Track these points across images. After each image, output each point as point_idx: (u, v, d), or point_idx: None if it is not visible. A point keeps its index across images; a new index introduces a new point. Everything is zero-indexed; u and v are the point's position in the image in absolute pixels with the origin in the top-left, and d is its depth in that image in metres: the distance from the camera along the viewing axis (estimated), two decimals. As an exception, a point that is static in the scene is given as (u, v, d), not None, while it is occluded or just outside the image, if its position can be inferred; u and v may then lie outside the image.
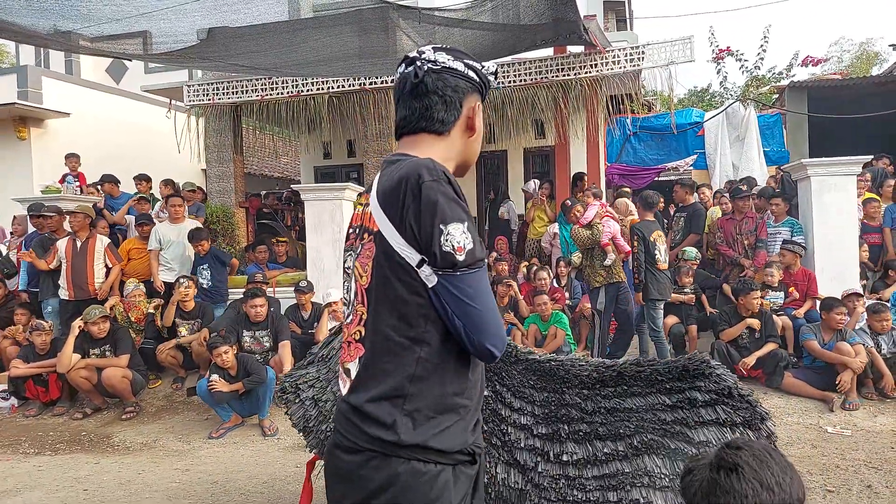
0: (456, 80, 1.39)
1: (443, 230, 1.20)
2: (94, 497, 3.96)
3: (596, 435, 2.38)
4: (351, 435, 1.27)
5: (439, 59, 1.37)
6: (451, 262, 1.21)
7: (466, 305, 1.22)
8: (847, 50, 21.46)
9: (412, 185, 1.22)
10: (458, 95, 1.39)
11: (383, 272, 1.26)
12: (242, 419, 5.29)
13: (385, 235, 1.25)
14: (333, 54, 5.71)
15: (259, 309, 5.63)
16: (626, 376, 2.45)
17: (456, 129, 1.41)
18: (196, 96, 8.86)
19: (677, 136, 10.16)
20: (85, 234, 6.55)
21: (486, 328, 1.23)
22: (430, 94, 1.37)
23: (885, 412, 4.81)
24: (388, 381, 1.25)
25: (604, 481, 2.34)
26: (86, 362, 5.66)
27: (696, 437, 2.30)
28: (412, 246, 1.22)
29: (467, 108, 1.41)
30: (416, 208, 1.21)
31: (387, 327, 1.26)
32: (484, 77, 1.44)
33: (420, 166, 1.24)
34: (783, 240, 6.21)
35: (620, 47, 7.70)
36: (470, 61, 1.41)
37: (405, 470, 1.23)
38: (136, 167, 8.94)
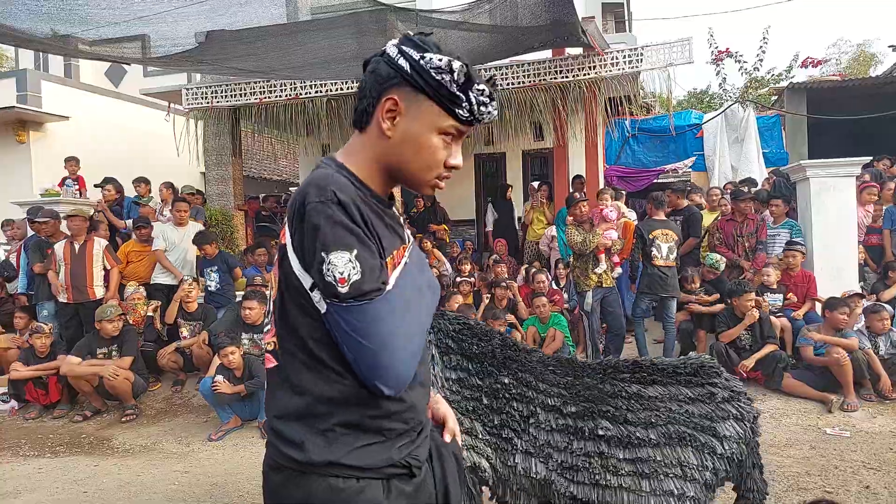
0: (378, 64, 1.19)
1: (324, 258, 1.08)
2: (94, 499, 3.96)
3: (625, 419, 2.39)
4: (272, 452, 1.21)
5: (388, 46, 1.20)
6: (332, 292, 1.09)
7: (354, 340, 1.10)
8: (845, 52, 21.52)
9: (298, 205, 1.11)
10: (376, 84, 1.18)
11: (281, 288, 1.18)
12: (242, 421, 5.29)
13: (288, 251, 1.15)
14: (331, 57, 5.72)
15: (250, 311, 5.63)
16: (642, 366, 2.52)
17: (371, 125, 1.21)
18: (195, 99, 8.88)
19: (676, 138, 10.17)
20: (83, 237, 6.56)
21: (377, 366, 1.11)
22: (363, 81, 1.22)
23: (883, 413, 4.81)
24: (297, 400, 1.17)
25: (636, 466, 2.34)
26: (89, 363, 5.65)
27: (721, 430, 2.35)
28: (303, 267, 1.13)
29: (382, 101, 1.18)
30: (301, 232, 1.11)
31: (292, 345, 1.18)
32: (421, 69, 1.15)
33: (311, 184, 1.12)
34: (787, 241, 6.21)
35: (619, 49, 7.71)
36: (408, 49, 1.16)
37: (321, 487, 1.15)
38: (136, 171, 8.95)
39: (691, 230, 6.78)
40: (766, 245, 6.39)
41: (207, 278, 6.84)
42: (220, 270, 6.86)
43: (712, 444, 2.33)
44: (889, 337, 5.27)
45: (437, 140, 1.20)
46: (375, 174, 1.22)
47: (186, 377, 6.35)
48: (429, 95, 1.17)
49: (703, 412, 2.39)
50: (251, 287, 6.44)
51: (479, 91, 1.20)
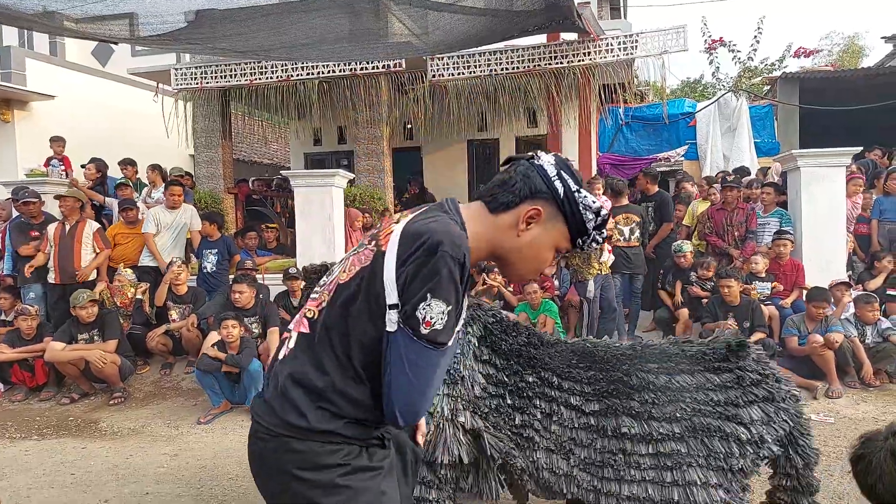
0: (535, 176, 1.35)
1: (427, 299, 1.21)
2: (82, 481, 3.93)
3: (650, 415, 2.37)
4: (268, 419, 1.34)
5: (543, 158, 1.39)
6: (412, 325, 1.22)
7: (402, 369, 1.23)
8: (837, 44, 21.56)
9: (430, 245, 1.22)
10: (524, 188, 1.35)
11: (362, 286, 1.28)
12: (232, 405, 5.27)
13: (385, 261, 1.26)
14: (323, 37, 5.64)
15: (239, 295, 5.60)
16: (669, 354, 2.48)
17: (506, 215, 1.36)
18: (184, 80, 8.75)
19: (669, 127, 10.18)
20: (75, 217, 6.47)
21: (405, 398, 1.25)
22: (505, 172, 1.39)
23: (867, 400, 4.88)
24: (317, 376, 1.31)
25: (659, 460, 2.34)
26: (73, 348, 5.62)
27: (746, 416, 2.34)
28: (398, 289, 1.24)
29: (527, 208, 1.34)
30: (419, 266, 1.22)
31: (338, 333, 1.30)
32: (571, 197, 1.34)
33: (448, 234, 1.24)
34: (777, 230, 6.24)
35: (614, 35, 7.67)
36: (568, 176, 1.35)
37: (313, 448, 1.31)
38: (123, 151, 8.81)
39: (664, 216, 6.84)
40: (756, 234, 6.42)
41: (205, 259, 6.80)
42: (219, 254, 6.82)
43: (737, 432, 2.31)
44: (877, 326, 5.33)
45: (551, 254, 1.42)
46: (483, 249, 1.39)
47: (175, 360, 6.31)
48: (566, 221, 1.36)
49: (729, 399, 2.36)
50: (241, 271, 6.39)
51: (600, 234, 1.40)
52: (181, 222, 6.95)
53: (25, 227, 6.75)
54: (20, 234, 6.73)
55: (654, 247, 6.85)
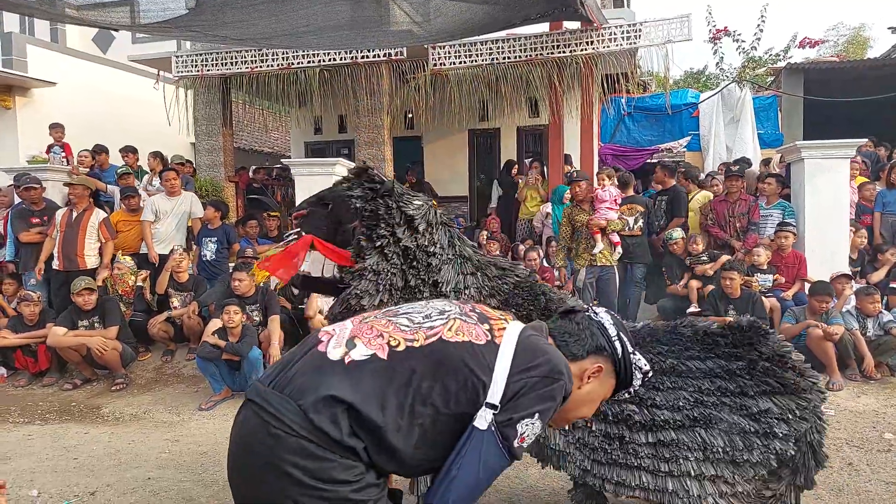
0: (597, 333, 1.47)
1: (531, 417, 1.28)
2: (84, 465, 3.96)
3: (653, 403, 2.34)
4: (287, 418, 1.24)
5: (601, 314, 1.52)
6: (507, 434, 1.27)
7: (475, 468, 1.26)
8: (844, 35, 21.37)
9: (553, 371, 1.32)
10: (591, 342, 1.46)
11: (466, 360, 1.29)
12: (233, 392, 5.30)
13: (499, 357, 1.31)
14: (324, 25, 5.60)
15: (239, 283, 5.61)
16: (681, 335, 2.42)
17: (573, 366, 1.43)
18: (185, 67, 8.71)
19: (672, 117, 10.10)
20: (83, 205, 6.48)
21: (463, 495, 1.27)
22: (572, 323, 1.51)
23: (867, 393, 4.89)
24: (371, 409, 1.24)
25: (657, 450, 2.31)
26: (74, 334, 5.64)
27: (755, 406, 2.29)
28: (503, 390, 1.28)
29: (589, 363, 1.45)
30: (535, 387, 1.29)
31: (416, 380, 1.27)
32: (627, 357, 1.46)
33: (566, 367, 1.36)
34: (780, 222, 6.22)
35: (617, 24, 7.61)
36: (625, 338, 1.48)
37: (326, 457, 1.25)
38: (124, 139, 8.80)
39: (675, 210, 6.80)
40: (759, 226, 6.40)
41: (204, 247, 6.80)
42: (219, 242, 6.82)
43: (742, 424, 2.26)
44: (878, 319, 5.33)
45: (596, 406, 1.53)
46: None
47: (177, 347, 6.33)
48: (617, 377, 1.48)
49: (739, 387, 2.31)
50: (241, 259, 6.40)
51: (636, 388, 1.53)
52: (181, 210, 6.95)
53: (27, 214, 6.76)
54: (21, 220, 6.74)
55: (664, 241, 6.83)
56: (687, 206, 6.88)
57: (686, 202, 6.89)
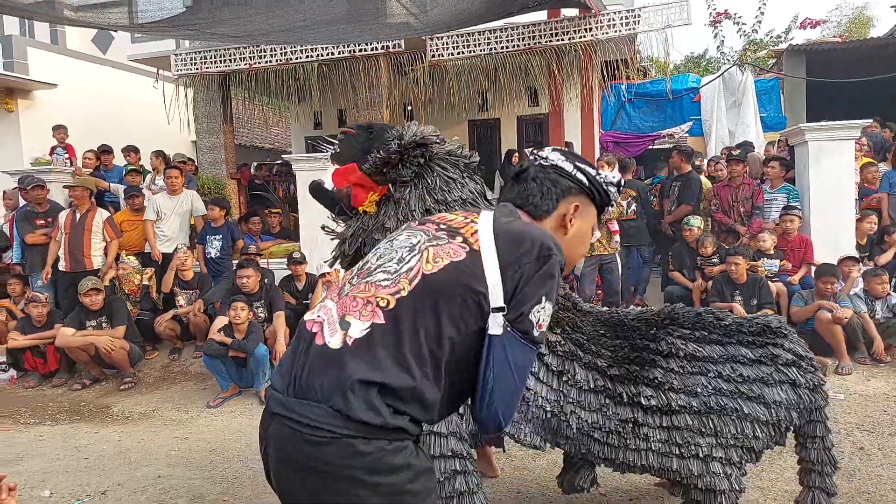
0: (559, 176, 1.45)
1: (539, 302, 1.25)
2: (95, 465, 4.00)
3: (671, 387, 2.33)
4: (319, 424, 1.18)
5: (550, 156, 1.47)
6: (525, 328, 1.24)
7: (508, 371, 1.24)
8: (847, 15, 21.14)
9: (542, 249, 1.27)
10: (556, 190, 1.44)
11: (456, 282, 1.24)
12: (240, 389, 5.33)
13: (484, 262, 1.25)
14: (321, 19, 5.59)
15: (246, 280, 5.63)
16: (704, 321, 2.42)
17: (549, 220, 1.44)
18: (184, 65, 8.70)
19: (673, 103, 10.04)
20: (85, 206, 6.51)
21: (510, 399, 1.26)
22: (529, 180, 1.46)
23: (877, 376, 4.86)
24: (394, 373, 1.20)
25: (670, 434, 2.31)
26: (82, 334, 5.68)
27: (771, 396, 2.31)
28: (502, 288, 1.24)
29: (564, 207, 1.44)
30: (534, 271, 1.25)
31: (421, 326, 1.22)
32: (596, 183, 1.46)
33: (552, 240, 1.30)
34: (784, 206, 6.16)
35: (616, 10, 7.55)
36: (583, 165, 1.46)
37: (393, 449, 1.21)
38: (125, 139, 8.81)
39: (685, 197, 6.72)
40: (763, 210, 6.35)
41: (209, 245, 6.82)
42: (223, 239, 6.84)
43: (756, 413, 2.28)
44: (886, 301, 5.29)
45: (591, 235, 1.53)
46: None
47: (184, 345, 6.37)
48: (595, 203, 1.49)
49: (757, 375, 2.31)
50: (245, 256, 6.41)
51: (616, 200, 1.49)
52: (183, 208, 6.97)
53: (31, 216, 6.79)
54: (26, 222, 6.78)
55: (671, 224, 6.79)
56: (699, 193, 6.75)
57: (699, 190, 6.76)
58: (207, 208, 6.96)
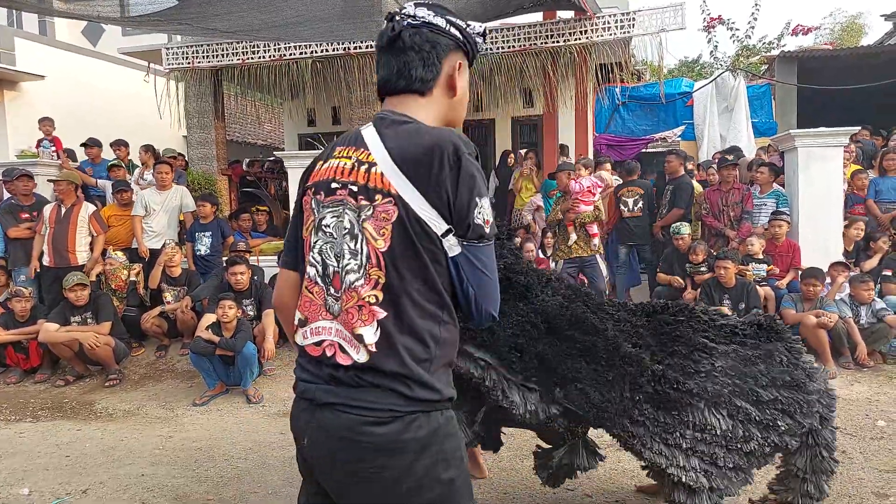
0: (435, 35, 1.36)
1: (478, 203, 1.24)
2: (77, 463, 3.94)
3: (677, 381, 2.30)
4: (382, 404, 1.24)
5: (419, 13, 1.35)
6: (479, 233, 1.25)
7: (482, 275, 1.27)
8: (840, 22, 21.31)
9: (450, 155, 1.23)
10: (436, 52, 1.36)
11: (407, 237, 1.24)
12: (227, 387, 5.28)
13: (407, 200, 1.23)
14: (315, 15, 5.54)
15: (239, 276, 5.58)
16: (699, 319, 2.41)
17: (437, 88, 1.38)
18: (175, 60, 8.62)
19: (666, 107, 10.08)
20: (70, 200, 6.42)
21: (494, 295, 1.30)
22: (407, 50, 1.35)
23: (860, 381, 4.90)
24: (419, 346, 1.26)
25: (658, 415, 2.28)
26: (66, 329, 5.60)
27: (765, 395, 2.28)
28: (439, 215, 1.23)
29: (448, 66, 1.38)
30: (455, 179, 1.23)
31: (414, 291, 1.26)
32: (469, 36, 1.40)
33: (453, 136, 1.26)
34: (773, 211, 6.20)
35: (611, 13, 7.56)
36: (452, 18, 1.38)
37: (444, 419, 1.29)
38: (115, 132, 8.72)
39: (677, 200, 6.75)
40: (752, 214, 6.39)
41: (198, 242, 6.75)
42: (213, 236, 6.77)
43: (746, 409, 2.24)
44: (871, 307, 5.34)
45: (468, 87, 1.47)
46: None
47: (170, 342, 6.30)
48: (468, 56, 1.43)
49: (752, 372, 2.29)
50: (234, 252, 6.36)
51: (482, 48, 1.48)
52: (172, 204, 6.89)
53: (16, 209, 6.69)
54: (10, 215, 6.67)
55: (661, 228, 6.81)
56: (691, 198, 6.78)
57: (691, 194, 6.79)
58: (197, 204, 6.89)
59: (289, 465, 3.71)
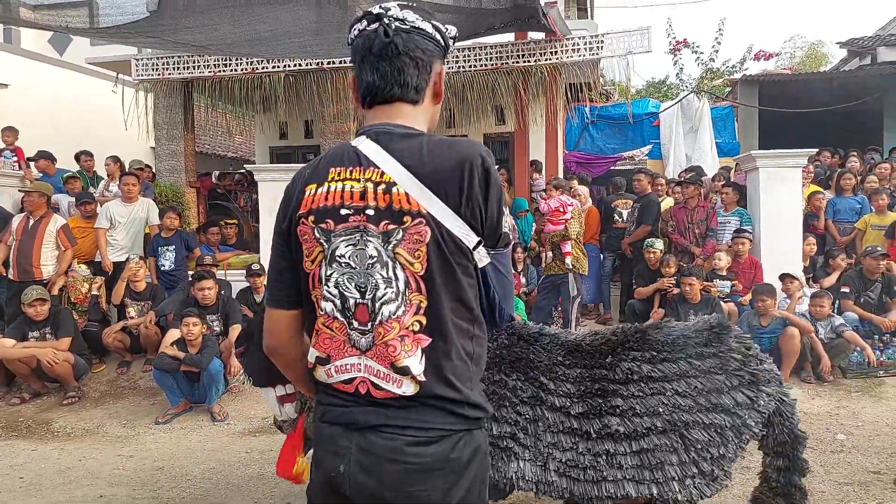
0: (425, 41, 1.30)
1: (504, 212, 1.28)
2: (32, 484, 3.80)
3: (634, 412, 2.34)
4: (434, 425, 1.21)
5: (408, 18, 1.29)
6: (506, 241, 1.30)
7: (505, 278, 1.38)
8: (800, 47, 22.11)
9: (478, 168, 1.21)
10: (427, 59, 1.31)
11: (443, 255, 1.21)
12: (191, 405, 5.16)
13: (439, 218, 1.19)
14: (288, 30, 5.54)
15: (207, 292, 5.49)
16: (651, 340, 2.42)
17: (427, 95, 1.35)
18: (145, 70, 8.51)
19: (633, 126, 10.32)
20: (40, 212, 6.24)
21: (511, 296, 1.41)
22: (401, 55, 1.28)
23: (821, 395, 5.03)
24: (462, 365, 1.25)
25: (641, 458, 2.32)
26: (24, 345, 5.42)
27: (729, 401, 2.33)
28: (471, 228, 1.22)
29: (434, 73, 1.35)
30: (486, 192, 1.22)
31: (450, 312, 1.23)
32: (447, 40, 1.37)
33: (479, 148, 1.24)
34: (736, 229, 6.38)
35: (580, 35, 7.74)
36: (436, 22, 1.36)
37: (483, 437, 1.30)
38: (80, 143, 8.53)
39: (644, 217, 6.88)
40: (717, 232, 6.55)
41: (161, 257, 6.61)
42: (176, 250, 6.63)
43: (718, 420, 2.31)
44: (830, 322, 5.49)
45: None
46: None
47: (133, 358, 6.14)
48: (442, 59, 1.38)
49: (713, 385, 2.34)
50: (201, 267, 6.24)
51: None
52: (138, 216, 6.75)
53: (-24, 220, 6.47)
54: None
55: (630, 245, 6.92)
56: (658, 214, 6.91)
57: (658, 211, 6.93)
58: (164, 216, 6.74)
59: (254, 485, 3.64)
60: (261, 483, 3.59)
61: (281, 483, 3.56)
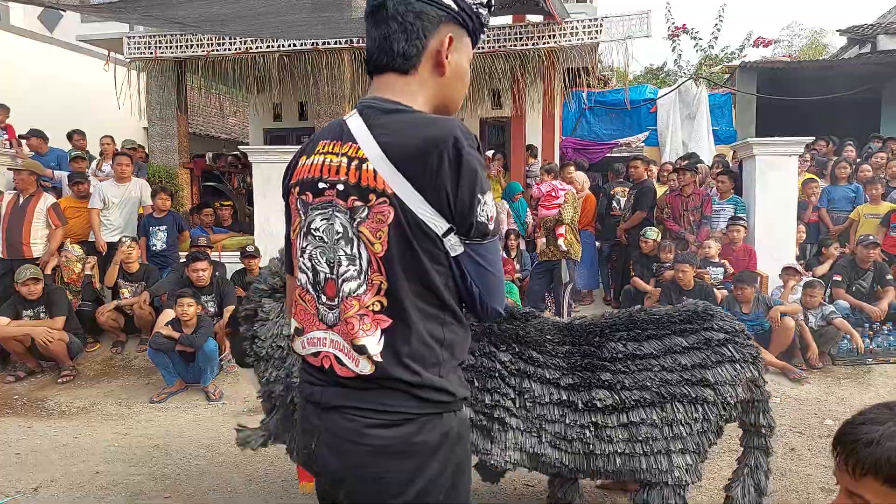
0: (422, 5, 1.21)
1: (480, 200, 1.16)
2: (27, 460, 3.81)
3: (622, 385, 2.40)
4: (394, 408, 1.18)
5: None
6: (482, 231, 1.18)
7: (486, 272, 1.21)
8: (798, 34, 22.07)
9: (449, 150, 1.13)
10: (422, 24, 1.21)
11: (405, 239, 1.16)
12: (186, 384, 5.17)
13: (404, 200, 1.14)
14: (283, 6, 5.47)
15: (202, 273, 5.48)
16: (637, 320, 2.52)
17: (423, 65, 1.24)
18: (137, 49, 8.40)
19: (631, 112, 10.30)
20: (30, 190, 6.18)
21: (498, 292, 1.25)
22: (388, 20, 1.21)
23: (810, 381, 5.09)
24: (426, 350, 1.20)
25: (630, 431, 2.37)
26: (18, 324, 5.41)
27: (714, 377, 2.39)
28: (439, 214, 1.15)
29: (436, 41, 1.23)
30: (456, 176, 1.13)
31: (415, 296, 1.18)
32: (466, 7, 1.24)
33: (452, 128, 1.15)
34: (731, 216, 6.39)
35: (579, 19, 7.68)
36: None
37: (457, 421, 1.25)
38: (71, 122, 8.43)
39: (640, 203, 6.87)
40: (711, 220, 6.57)
41: (153, 237, 6.58)
42: (168, 230, 6.60)
43: (704, 395, 2.38)
44: (821, 310, 5.54)
45: (468, 67, 1.33)
46: (435, 111, 1.29)
47: (127, 338, 6.13)
48: (468, 30, 1.28)
49: (697, 361, 2.42)
50: (196, 248, 6.22)
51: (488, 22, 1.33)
52: (131, 197, 6.71)
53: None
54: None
55: (625, 231, 6.92)
56: (654, 201, 6.90)
57: (654, 198, 6.91)
58: (156, 197, 6.70)
59: (249, 463, 3.66)
60: (255, 460, 3.62)
61: (277, 461, 3.59)
